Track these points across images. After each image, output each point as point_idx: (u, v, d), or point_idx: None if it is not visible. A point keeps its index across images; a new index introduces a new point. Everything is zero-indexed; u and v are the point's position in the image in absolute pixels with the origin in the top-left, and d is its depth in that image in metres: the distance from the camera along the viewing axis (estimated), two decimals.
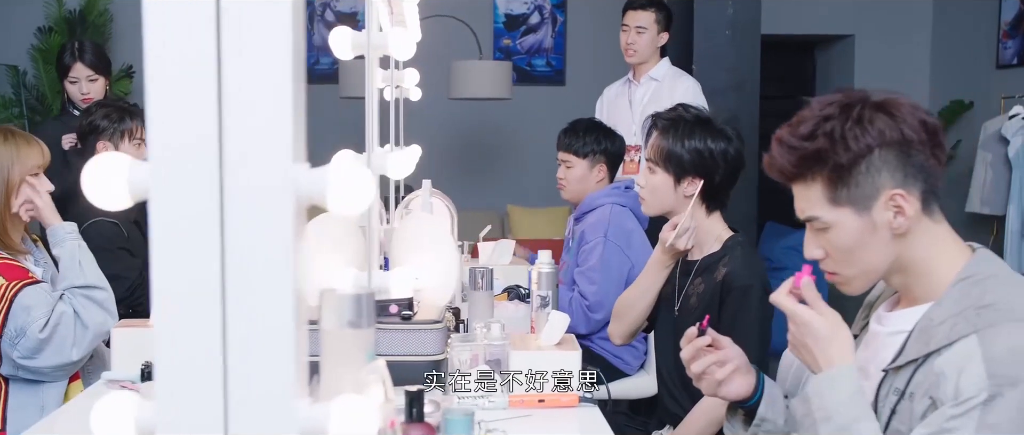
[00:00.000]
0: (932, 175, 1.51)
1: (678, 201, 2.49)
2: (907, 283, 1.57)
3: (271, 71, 0.92)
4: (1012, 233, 7.10)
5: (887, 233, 1.50)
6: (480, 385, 1.81)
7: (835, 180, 1.49)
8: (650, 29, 4.41)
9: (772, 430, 1.72)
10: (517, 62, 8.58)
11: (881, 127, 1.48)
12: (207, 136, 0.93)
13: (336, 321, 1.01)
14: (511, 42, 8.60)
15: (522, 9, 8.61)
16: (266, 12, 0.91)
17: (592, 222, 3.37)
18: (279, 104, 0.93)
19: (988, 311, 1.43)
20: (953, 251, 1.55)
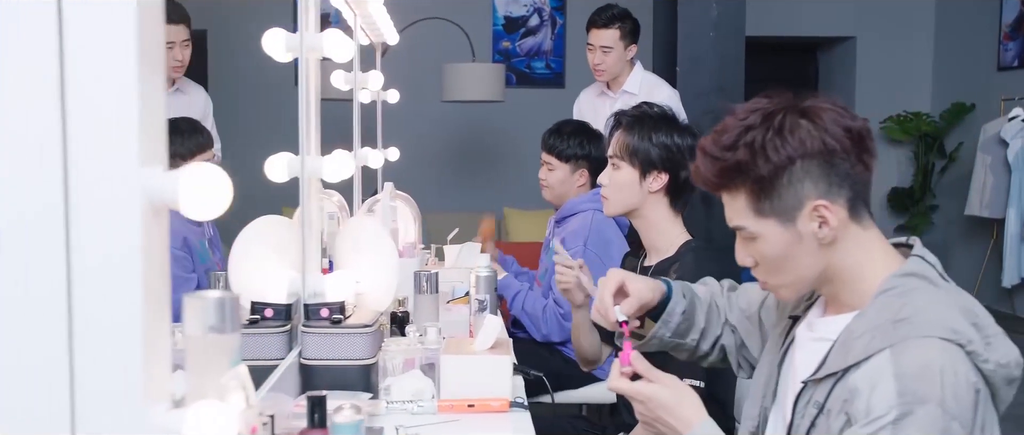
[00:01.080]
0: (859, 182, 1.47)
1: (643, 197, 2.47)
2: (835, 291, 1.53)
3: (115, 73, 0.91)
4: (1011, 236, 7.06)
5: (813, 243, 1.47)
6: (410, 389, 1.80)
7: (758, 192, 1.46)
8: (616, 47, 4.37)
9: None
10: (516, 64, 8.58)
11: (802, 137, 1.43)
12: (51, 139, 0.92)
13: (199, 326, 0.99)
14: (510, 44, 8.60)
15: (521, 11, 8.60)
16: (108, 13, 0.91)
17: (573, 229, 3.34)
18: (123, 106, 0.92)
19: (903, 325, 1.39)
20: (883, 258, 1.51)
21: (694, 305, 1.76)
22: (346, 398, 1.75)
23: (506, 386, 1.82)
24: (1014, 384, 1.46)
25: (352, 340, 1.81)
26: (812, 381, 1.48)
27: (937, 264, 1.51)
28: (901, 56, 8.82)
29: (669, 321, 1.71)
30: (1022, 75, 7.64)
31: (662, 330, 1.71)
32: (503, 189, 8.25)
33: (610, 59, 4.40)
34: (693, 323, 1.76)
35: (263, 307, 1.83)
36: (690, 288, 1.77)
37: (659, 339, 1.73)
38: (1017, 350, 1.48)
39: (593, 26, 4.43)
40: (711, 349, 1.81)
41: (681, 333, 1.74)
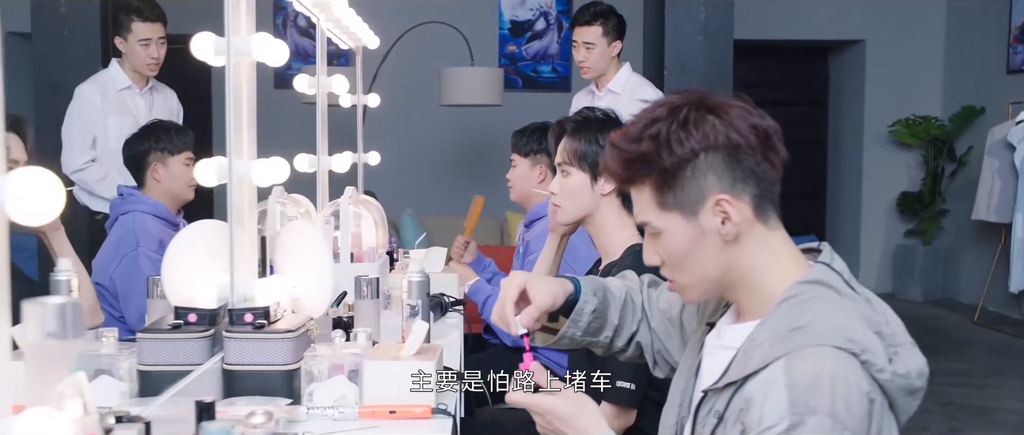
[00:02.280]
0: (765, 181, 1.45)
1: (595, 201, 2.45)
2: (739, 296, 1.51)
3: None
4: (1019, 241, 6.97)
5: (717, 239, 1.44)
6: (333, 395, 1.79)
7: (662, 184, 1.44)
8: (599, 43, 4.35)
9: None
10: (523, 68, 8.58)
11: (707, 130, 1.42)
12: None
13: (39, 332, 0.98)
14: (516, 48, 8.59)
15: (527, 16, 8.60)
16: None
17: (538, 233, 3.32)
18: None
19: (799, 334, 1.36)
20: (788, 263, 1.48)
21: (607, 302, 1.73)
22: (263, 404, 1.74)
23: (429, 393, 1.81)
24: (916, 394, 1.43)
25: (274, 345, 1.80)
26: (713, 390, 1.46)
27: (845, 271, 1.48)
28: (911, 59, 8.74)
29: (579, 320, 1.68)
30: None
31: (572, 329, 1.69)
32: (505, 193, 8.21)
33: (594, 55, 4.40)
34: (606, 321, 1.73)
35: (187, 312, 1.83)
36: (603, 285, 1.74)
37: (570, 338, 1.71)
38: (923, 361, 1.45)
39: (576, 23, 4.43)
40: (627, 345, 1.78)
41: (593, 331, 1.72)
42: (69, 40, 4.22)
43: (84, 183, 4.09)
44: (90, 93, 4.08)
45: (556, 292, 1.64)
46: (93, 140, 4.09)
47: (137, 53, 4.06)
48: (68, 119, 4.09)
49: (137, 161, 3.12)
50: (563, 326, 1.69)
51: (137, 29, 4.03)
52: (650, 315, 1.79)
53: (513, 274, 1.62)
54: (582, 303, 1.68)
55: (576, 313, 1.68)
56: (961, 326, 7.43)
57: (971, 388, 5.59)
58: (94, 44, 4.18)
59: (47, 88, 4.25)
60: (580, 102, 4.63)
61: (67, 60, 4.23)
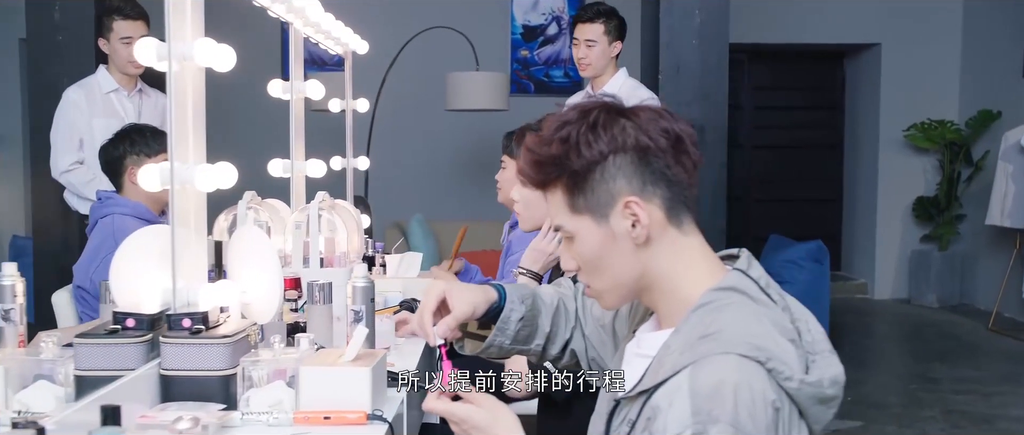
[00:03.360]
0: (677, 184, 1.43)
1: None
2: (656, 302, 1.49)
3: None
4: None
5: (628, 243, 1.43)
6: (269, 401, 1.78)
7: (572, 187, 1.44)
8: (600, 41, 4.35)
9: None
10: (535, 73, 8.57)
11: (616, 133, 1.41)
12: None
13: None
14: (529, 53, 8.58)
15: (540, 20, 8.58)
16: None
17: (519, 234, 3.32)
18: None
19: (706, 341, 1.35)
20: (702, 269, 1.47)
21: (537, 310, 1.72)
22: (196, 409, 1.74)
23: (364, 398, 1.80)
24: (830, 403, 1.41)
25: (210, 351, 1.80)
26: (626, 399, 1.44)
27: (762, 278, 1.46)
28: (927, 63, 8.66)
29: (506, 328, 1.67)
30: None
31: (500, 338, 1.68)
32: None
33: (594, 53, 4.39)
34: (536, 328, 1.72)
35: (125, 317, 1.83)
36: (533, 292, 1.73)
37: (499, 346, 1.69)
38: (839, 370, 1.43)
39: (578, 21, 4.43)
40: (561, 353, 1.77)
41: (523, 340, 1.71)
42: (63, 45, 4.25)
43: (72, 185, 4.13)
44: (75, 96, 4.11)
45: (477, 301, 1.63)
46: (80, 142, 4.12)
47: (119, 52, 4.08)
48: (54, 122, 4.13)
49: (114, 166, 3.14)
50: (491, 334, 1.68)
51: (119, 27, 4.06)
52: (584, 322, 1.77)
53: (433, 282, 1.61)
54: (508, 311, 1.67)
55: (502, 321, 1.67)
56: (975, 332, 7.34)
57: (978, 395, 5.52)
58: (88, 49, 4.21)
59: (41, 92, 4.29)
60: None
61: (61, 64, 4.27)
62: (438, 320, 1.60)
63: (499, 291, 1.67)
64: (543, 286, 1.79)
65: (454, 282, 1.66)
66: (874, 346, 7.08)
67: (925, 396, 5.52)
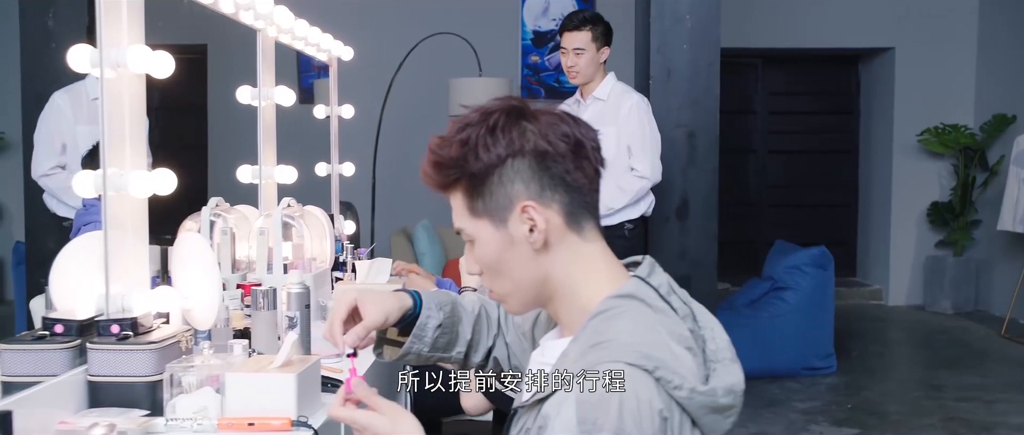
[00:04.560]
0: (577, 190, 1.42)
1: None
2: (557, 309, 1.48)
3: None
4: None
5: (526, 248, 1.42)
6: (194, 407, 1.79)
7: (471, 190, 1.43)
8: (588, 49, 4.34)
9: None
10: (545, 79, 8.57)
11: (514, 137, 1.40)
12: None
13: None
14: (539, 59, 8.58)
15: (550, 26, 8.57)
16: None
17: None
18: None
19: (597, 350, 1.33)
20: (603, 276, 1.45)
21: (457, 317, 1.71)
22: (120, 416, 1.75)
23: (289, 405, 1.80)
24: (726, 412, 1.39)
25: (135, 357, 1.81)
26: (523, 407, 1.43)
27: (663, 285, 1.44)
28: (942, 67, 8.57)
29: (423, 335, 1.66)
30: None
31: (417, 345, 1.66)
32: None
33: (583, 61, 4.39)
34: (456, 336, 1.71)
35: (53, 323, 1.84)
36: (452, 300, 1.72)
37: (416, 354, 1.68)
38: (738, 379, 1.42)
39: (565, 29, 4.43)
40: (485, 360, 1.76)
41: (442, 347, 1.69)
42: (56, 53, 4.29)
43: (50, 189, 4.16)
44: (61, 101, 4.14)
45: (389, 310, 1.61)
46: (62, 147, 4.15)
47: None
48: (38, 125, 4.16)
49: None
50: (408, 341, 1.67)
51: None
52: (506, 330, 1.76)
53: (345, 290, 1.60)
54: (425, 318, 1.66)
55: (419, 328, 1.66)
56: (987, 339, 7.25)
57: (980, 403, 5.45)
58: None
59: (33, 100, 4.32)
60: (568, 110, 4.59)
61: (54, 73, 4.29)
62: (349, 329, 1.59)
63: (415, 298, 1.66)
64: (466, 293, 1.78)
65: (367, 290, 1.65)
66: (883, 353, 7.00)
67: (927, 404, 5.46)
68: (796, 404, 5.48)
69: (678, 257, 4.57)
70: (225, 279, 2.71)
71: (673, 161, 4.54)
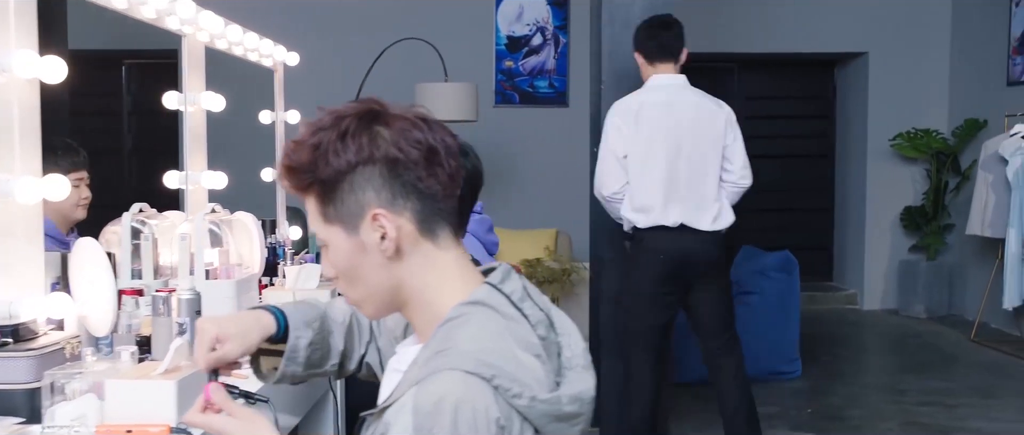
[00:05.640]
0: (431, 197, 1.41)
1: None
2: (412, 316, 1.47)
3: None
4: (1012, 256, 6.81)
5: (378, 255, 1.41)
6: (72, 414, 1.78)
7: (322, 196, 1.42)
8: None
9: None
10: (520, 83, 8.57)
11: (365, 143, 1.38)
12: None
13: None
14: (513, 63, 8.58)
15: (524, 31, 8.58)
16: None
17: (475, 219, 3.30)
18: None
19: (439, 357, 1.32)
20: (457, 283, 1.44)
21: (327, 330, 1.70)
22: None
23: (170, 411, 1.79)
24: (572, 420, 1.38)
25: (12, 364, 1.80)
26: (371, 415, 1.42)
27: (515, 292, 1.43)
28: (916, 72, 8.58)
29: (296, 357, 1.64)
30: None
31: (292, 367, 1.64)
32: (494, 209, 8.19)
33: None
34: (329, 349, 1.70)
35: None
36: (320, 314, 1.70)
37: (291, 375, 1.66)
38: (586, 387, 1.41)
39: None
40: (359, 368, 1.75)
41: (316, 363, 1.68)
42: None
43: None
44: None
45: (250, 344, 1.59)
46: None
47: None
48: None
49: None
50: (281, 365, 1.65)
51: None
52: (378, 335, 1.76)
53: (204, 326, 1.56)
54: (294, 339, 1.64)
55: (291, 350, 1.64)
56: (957, 344, 7.25)
57: (942, 407, 5.45)
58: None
59: None
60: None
61: None
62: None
63: (278, 320, 1.64)
64: (334, 302, 1.77)
65: (228, 320, 1.62)
66: (851, 357, 6.99)
67: (888, 408, 5.45)
68: (757, 409, 5.45)
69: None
70: (146, 285, 2.70)
71: None
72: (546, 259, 5.06)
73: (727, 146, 4.14)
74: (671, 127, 4.06)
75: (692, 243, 4.10)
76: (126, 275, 2.72)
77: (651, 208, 4.07)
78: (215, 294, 2.69)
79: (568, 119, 8.29)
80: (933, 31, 8.56)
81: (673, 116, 4.09)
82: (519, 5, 8.58)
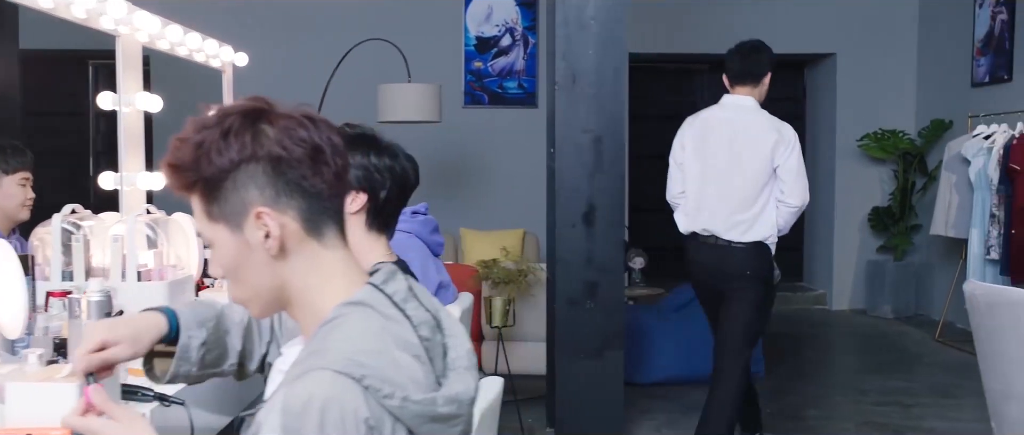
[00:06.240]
0: (316, 196, 1.40)
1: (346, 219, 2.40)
2: (297, 316, 1.47)
3: None
4: (974, 257, 6.84)
5: (263, 254, 1.40)
6: None
7: (206, 194, 1.40)
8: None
9: None
10: (489, 84, 8.57)
11: (247, 141, 1.37)
12: None
13: None
14: (482, 64, 8.58)
15: (493, 32, 8.58)
16: None
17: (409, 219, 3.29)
18: None
19: (312, 357, 1.32)
20: (341, 283, 1.44)
21: (223, 330, 1.69)
22: None
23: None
24: (450, 421, 1.37)
25: None
26: (249, 415, 1.42)
27: (398, 293, 1.43)
28: (883, 72, 8.61)
29: (188, 356, 1.63)
30: (992, 92, 7.41)
31: (184, 367, 1.64)
32: (460, 208, 8.20)
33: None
34: (226, 349, 1.69)
35: None
36: (216, 314, 1.69)
37: (185, 375, 1.65)
38: (464, 388, 1.40)
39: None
40: (260, 367, 1.74)
41: (212, 363, 1.68)
42: None
43: None
44: None
45: (141, 345, 1.58)
46: None
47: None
48: None
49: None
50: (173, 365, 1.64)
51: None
52: (280, 335, 1.75)
53: (94, 327, 1.56)
54: (186, 339, 1.63)
55: (182, 350, 1.63)
56: (921, 343, 7.28)
57: (900, 407, 5.47)
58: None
59: None
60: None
61: None
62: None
63: (171, 321, 1.63)
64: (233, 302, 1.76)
65: (118, 323, 1.61)
66: (817, 358, 7.02)
67: (847, 408, 5.47)
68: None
69: (585, 263, 4.56)
70: (77, 287, 2.68)
71: (579, 167, 4.54)
72: (502, 260, 5.05)
73: (779, 166, 4.28)
74: (723, 144, 4.29)
75: (721, 253, 4.29)
76: (57, 276, 2.71)
77: (691, 215, 4.35)
78: (147, 295, 2.68)
79: (537, 120, 8.22)
80: (900, 32, 8.60)
81: (728, 134, 4.31)
82: (488, 6, 8.58)
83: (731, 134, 4.29)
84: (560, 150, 4.57)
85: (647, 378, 5.89)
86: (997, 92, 7.32)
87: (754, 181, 4.25)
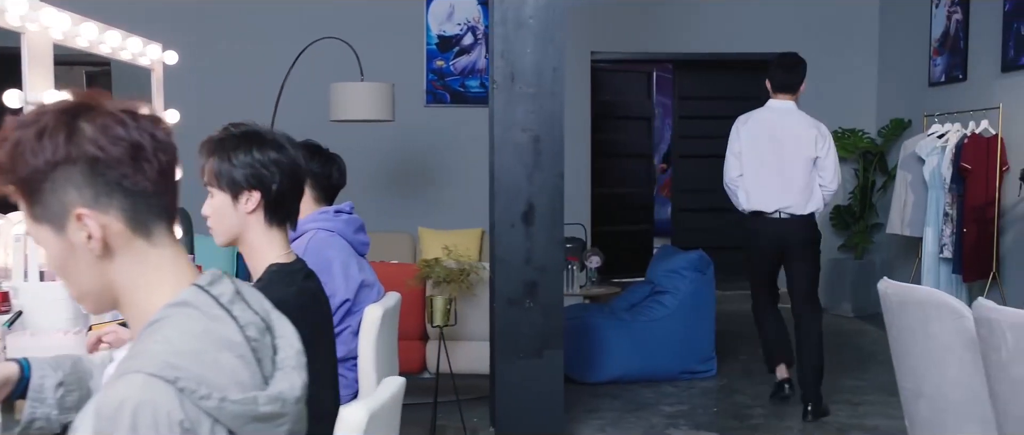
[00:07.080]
0: (140, 194, 1.37)
1: (242, 221, 2.39)
2: (127, 315, 1.45)
3: None
4: (929, 255, 6.86)
5: (87, 255, 1.38)
6: None
7: (26, 196, 1.38)
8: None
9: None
10: (451, 83, 8.55)
11: (61, 142, 1.34)
12: None
13: None
14: (444, 63, 8.56)
15: (455, 30, 8.56)
16: None
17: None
18: None
19: (131, 360, 1.30)
20: (170, 284, 1.41)
21: (84, 372, 1.67)
22: None
23: None
24: (275, 421, 1.35)
25: None
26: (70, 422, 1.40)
27: (225, 295, 1.40)
28: (844, 72, 8.63)
29: (42, 398, 1.61)
30: (947, 91, 7.43)
31: (41, 409, 1.61)
32: (417, 208, 8.18)
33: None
34: (88, 392, 1.67)
35: None
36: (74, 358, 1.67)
37: (44, 418, 1.63)
38: (288, 386, 1.39)
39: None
40: None
41: (73, 406, 1.65)
42: None
43: None
44: None
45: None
46: None
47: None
48: None
49: None
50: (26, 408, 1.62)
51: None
52: None
53: None
54: (38, 379, 1.61)
55: (35, 391, 1.61)
56: (878, 342, 7.26)
57: (847, 405, 5.48)
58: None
59: None
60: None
61: None
62: None
63: (22, 364, 1.62)
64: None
65: None
66: None
67: (793, 407, 5.46)
68: (664, 408, 5.47)
69: (524, 263, 4.55)
70: None
71: (518, 166, 4.52)
72: (444, 259, 5.03)
73: (819, 158, 5.27)
74: (769, 139, 5.32)
75: (784, 225, 5.26)
76: None
77: (753, 195, 5.32)
78: (49, 296, 2.66)
79: (479, 119, 8.28)
80: (861, 32, 8.63)
81: (773, 130, 5.35)
82: (450, 5, 8.56)
83: (781, 132, 5.31)
84: (499, 149, 4.56)
85: (597, 377, 5.89)
86: (952, 91, 7.34)
87: (803, 168, 5.22)
